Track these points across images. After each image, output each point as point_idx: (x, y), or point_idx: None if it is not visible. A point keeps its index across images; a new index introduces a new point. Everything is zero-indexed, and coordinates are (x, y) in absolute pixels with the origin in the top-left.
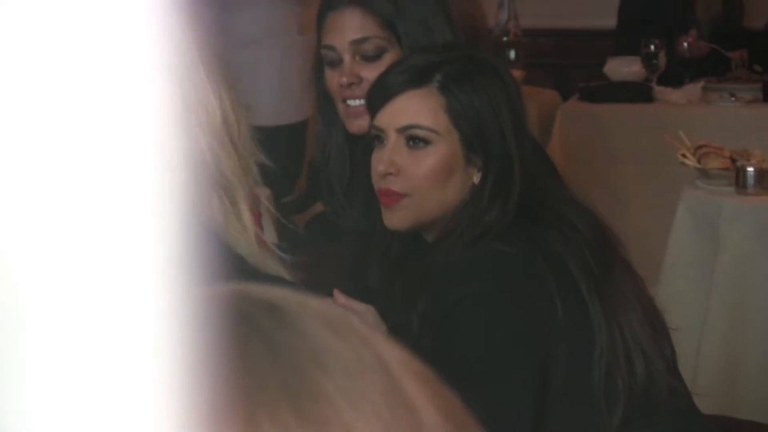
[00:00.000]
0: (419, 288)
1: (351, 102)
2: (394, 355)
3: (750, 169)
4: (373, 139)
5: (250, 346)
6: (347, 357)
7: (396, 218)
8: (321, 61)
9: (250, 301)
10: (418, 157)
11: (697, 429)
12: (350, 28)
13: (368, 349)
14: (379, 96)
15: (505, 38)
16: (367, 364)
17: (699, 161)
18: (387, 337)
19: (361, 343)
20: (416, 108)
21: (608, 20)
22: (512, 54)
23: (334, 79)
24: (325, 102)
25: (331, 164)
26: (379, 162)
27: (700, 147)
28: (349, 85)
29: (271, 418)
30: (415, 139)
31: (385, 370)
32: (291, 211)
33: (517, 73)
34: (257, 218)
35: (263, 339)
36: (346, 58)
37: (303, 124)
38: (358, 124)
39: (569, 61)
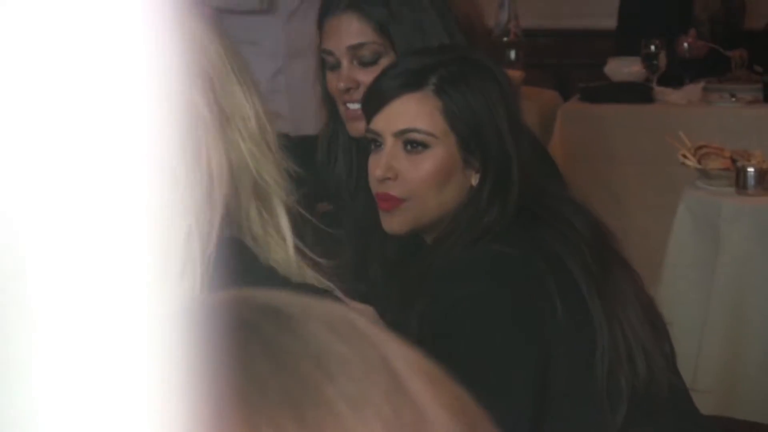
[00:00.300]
0: (419, 289)
1: (350, 105)
2: (400, 355)
3: (750, 169)
4: (369, 142)
5: (251, 351)
6: (351, 360)
7: (395, 222)
8: (324, 63)
9: (252, 306)
10: (416, 161)
11: (697, 428)
12: (347, 33)
13: (373, 351)
14: (374, 100)
15: (505, 38)
16: (371, 366)
17: (699, 162)
18: (394, 336)
19: (366, 344)
20: (413, 112)
21: (608, 20)
22: (512, 54)
23: (333, 82)
24: (330, 103)
25: (337, 164)
26: (377, 167)
27: (700, 147)
28: (347, 89)
29: (271, 424)
30: (412, 143)
31: (390, 370)
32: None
33: (517, 74)
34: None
35: (264, 344)
36: (344, 62)
37: None
38: (358, 127)
39: (569, 61)
